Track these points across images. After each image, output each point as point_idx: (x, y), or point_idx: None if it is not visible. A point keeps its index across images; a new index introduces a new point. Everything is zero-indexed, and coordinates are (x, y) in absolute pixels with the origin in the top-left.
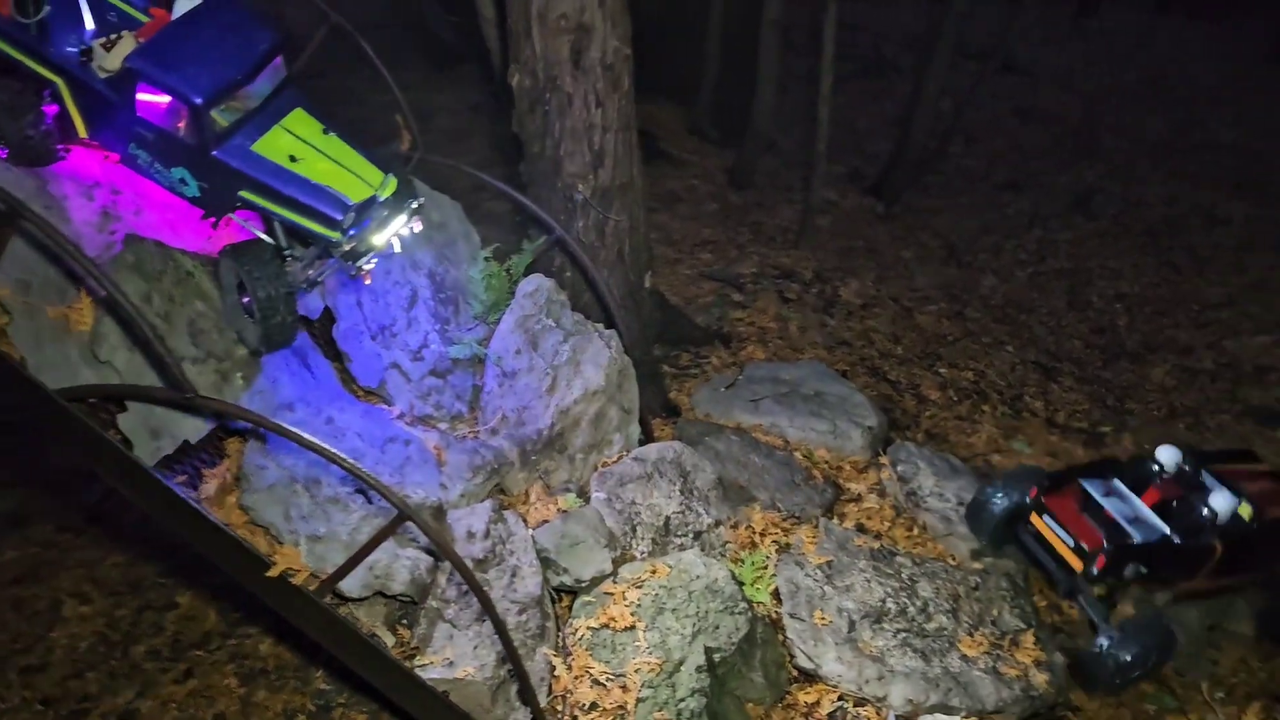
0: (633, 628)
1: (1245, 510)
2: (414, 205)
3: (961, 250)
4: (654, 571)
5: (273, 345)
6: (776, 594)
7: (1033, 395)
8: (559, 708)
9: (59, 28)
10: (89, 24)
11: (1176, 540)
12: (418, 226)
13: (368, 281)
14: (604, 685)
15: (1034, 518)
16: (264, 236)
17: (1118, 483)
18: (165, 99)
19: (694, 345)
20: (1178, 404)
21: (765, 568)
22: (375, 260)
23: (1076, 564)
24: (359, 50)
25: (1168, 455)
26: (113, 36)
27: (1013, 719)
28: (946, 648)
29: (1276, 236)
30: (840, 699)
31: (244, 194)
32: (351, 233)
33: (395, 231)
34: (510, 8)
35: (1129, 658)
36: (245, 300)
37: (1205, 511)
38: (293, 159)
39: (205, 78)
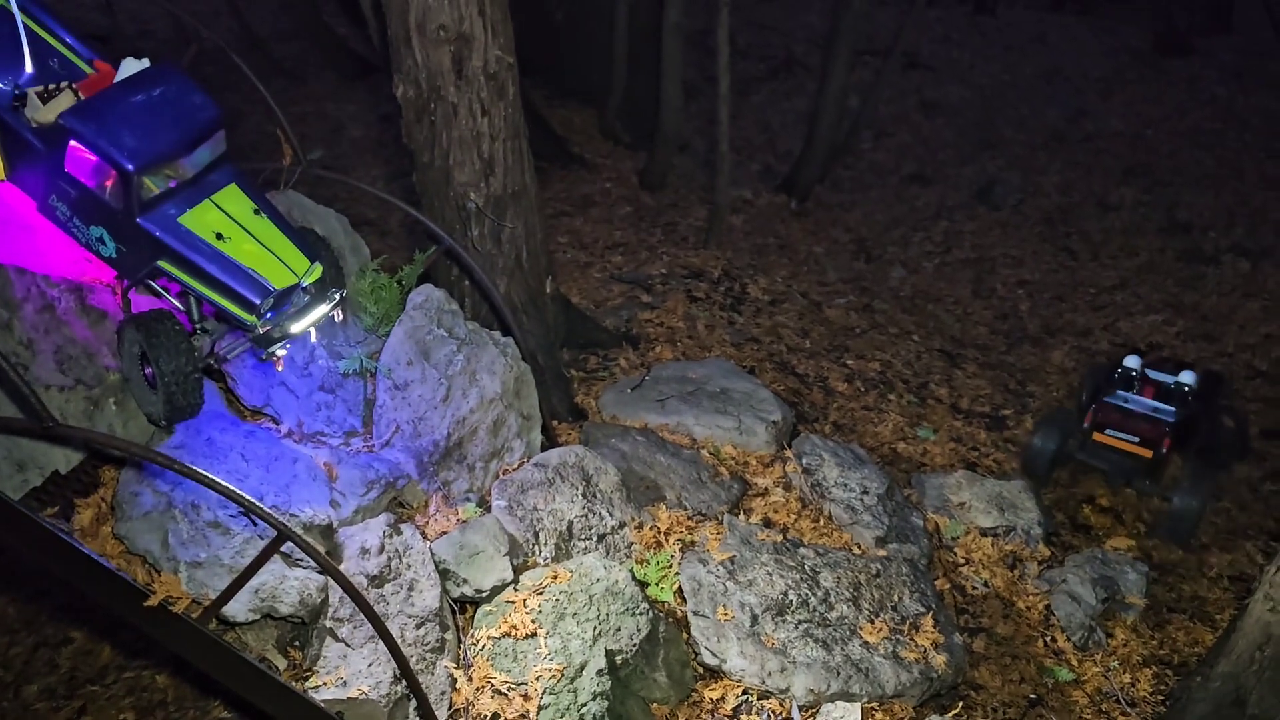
0: (534, 635)
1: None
2: (337, 296)
3: (871, 243)
4: (555, 577)
5: (177, 417)
6: (680, 593)
7: (938, 383)
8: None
9: None
10: (28, 68)
11: (1185, 414)
12: (339, 316)
13: (279, 368)
14: (505, 695)
15: (1097, 435)
16: (176, 304)
17: (1126, 392)
18: (94, 159)
19: (602, 348)
20: (1076, 384)
21: (670, 567)
22: (288, 347)
23: (1146, 453)
24: (268, 63)
25: (1135, 360)
26: (50, 87)
27: (913, 702)
28: (848, 636)
29: (1162, 220)
30: (745, 693)
31: (163, 264)
32: (268, 317)
33: (314, 321)
34: (389, 18)
35: (1195, 503)
36: (148, 371)
37: (1186, 389)
38: (219, 236)
39: (140, 145)
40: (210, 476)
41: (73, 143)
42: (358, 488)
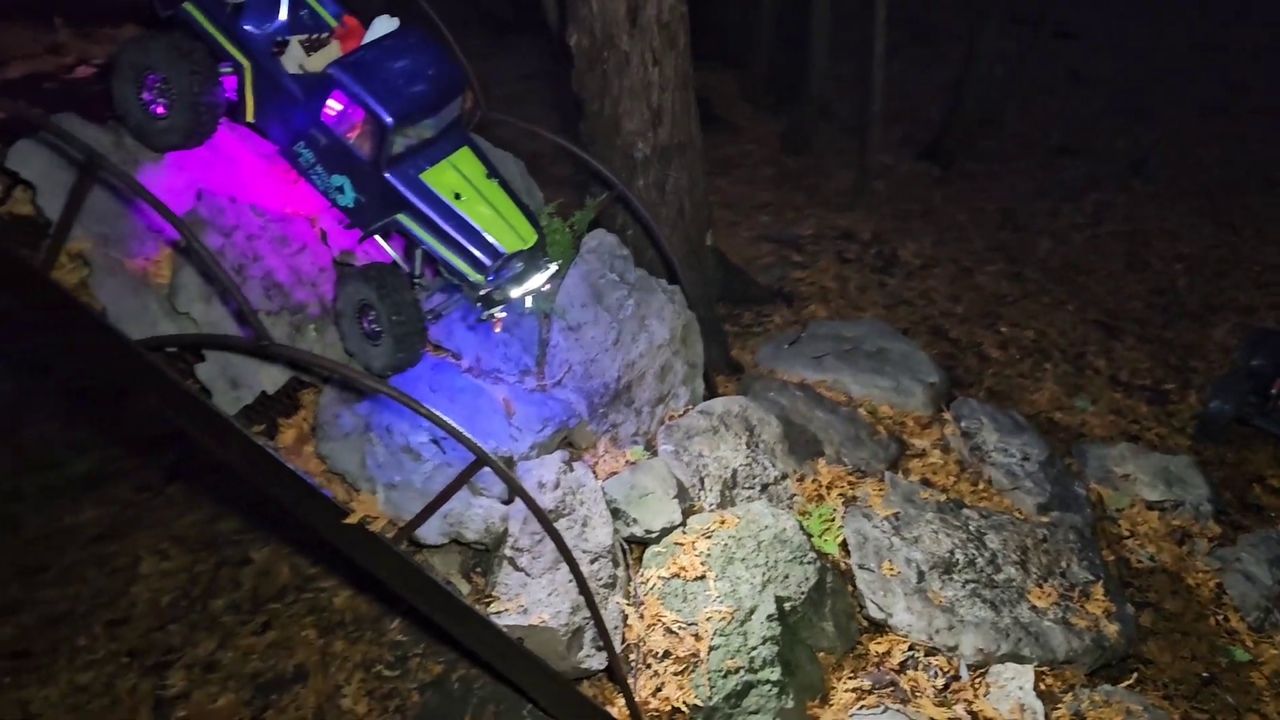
0: (703, 577)
1: None
2: (552, 267)
3: (1018, 214)
4: (723, 522)
5: (399, 368)
6: (844, 546)
7: (1094, 354)
8: (631, 656)
9: (253, 13)
10: (282, 16)
11: None
12: (548, 287)
13: (497, 330)
14: (676, 634)
15: None
16: (395, 257)
17: None
18: (347, 109)
19: (756, 304)
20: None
21: (832, 520)
22: (505, 312)
23: None
24: (423, 17)
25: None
26: (313, 37)
27: (1084, 669)
28: (1016, 598)
29: None
30: (911, 649)
31: (401, 218)
32: (491, 279)
33: (534, 288)
34: None
35: None
36: (366, 324)
37: None
38: (457, 196)
39: (400, 102)
40: (415, 400)
41: (335, 92)
42: (534, 424)
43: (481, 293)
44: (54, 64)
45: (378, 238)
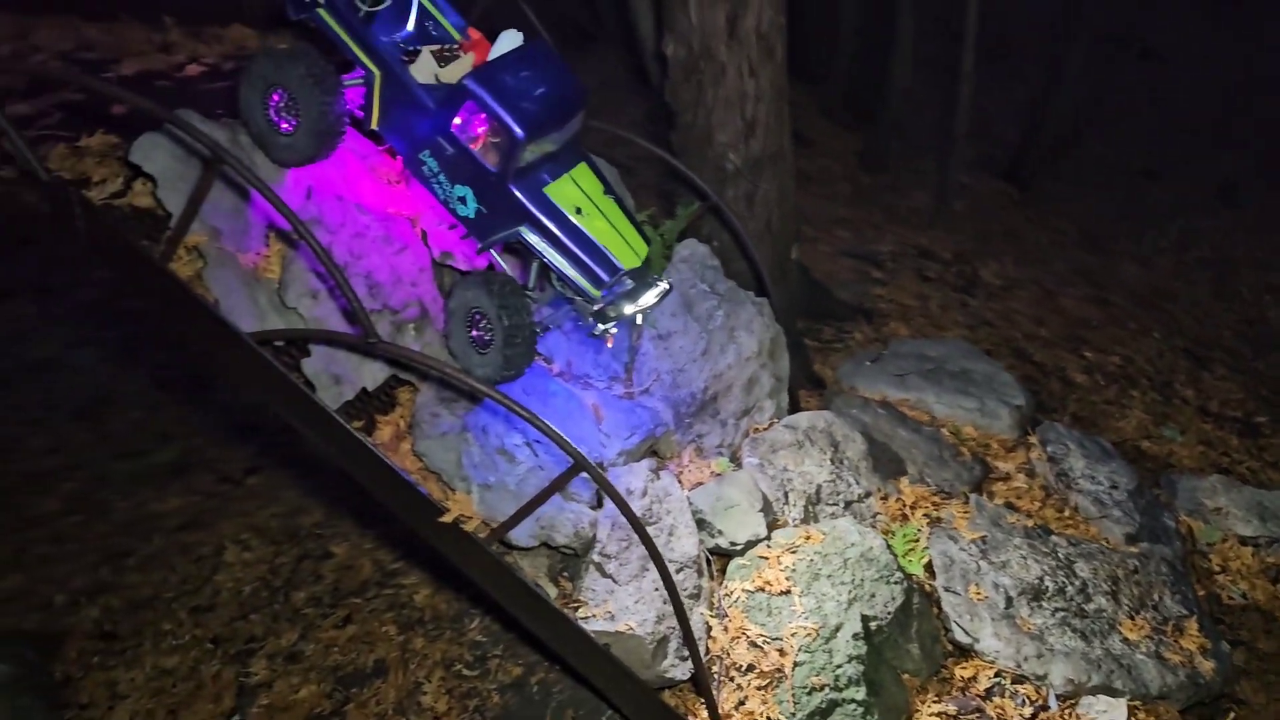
0: (788, 592)
1: None
2: (665, 285)
3: (1099, 237)
4: (808, 538)
5: (507, 377)
6: (929, 567)
7: (1183, 383)
8: (714, 668)
9: (383, 22)
10: (409, 26)
11: None
12: (656, 304)
13: (609, 345)
14: (761, 648)
15: None
16: (504, 266)
17: None
18: (485, 122)
19: (836, 320)
20: None
21: (917, 540)
22: (617, 328)
23: None
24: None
25: None
26: (445, 49)
27: (1178, 706)
28: (1107, 629)
29: None
30: (998, 675)
31: (523, 230)
32: (606, 295)
33: (646, 306)
34: None
35: None
36: (474, 334)
37: None
38: (578, 210)
39: (531, 115)
40: (519, 404)
41: (468, 103)
42: (622, 431)
43: (595, 308)
44: (165, 62)
45: (492, 250)
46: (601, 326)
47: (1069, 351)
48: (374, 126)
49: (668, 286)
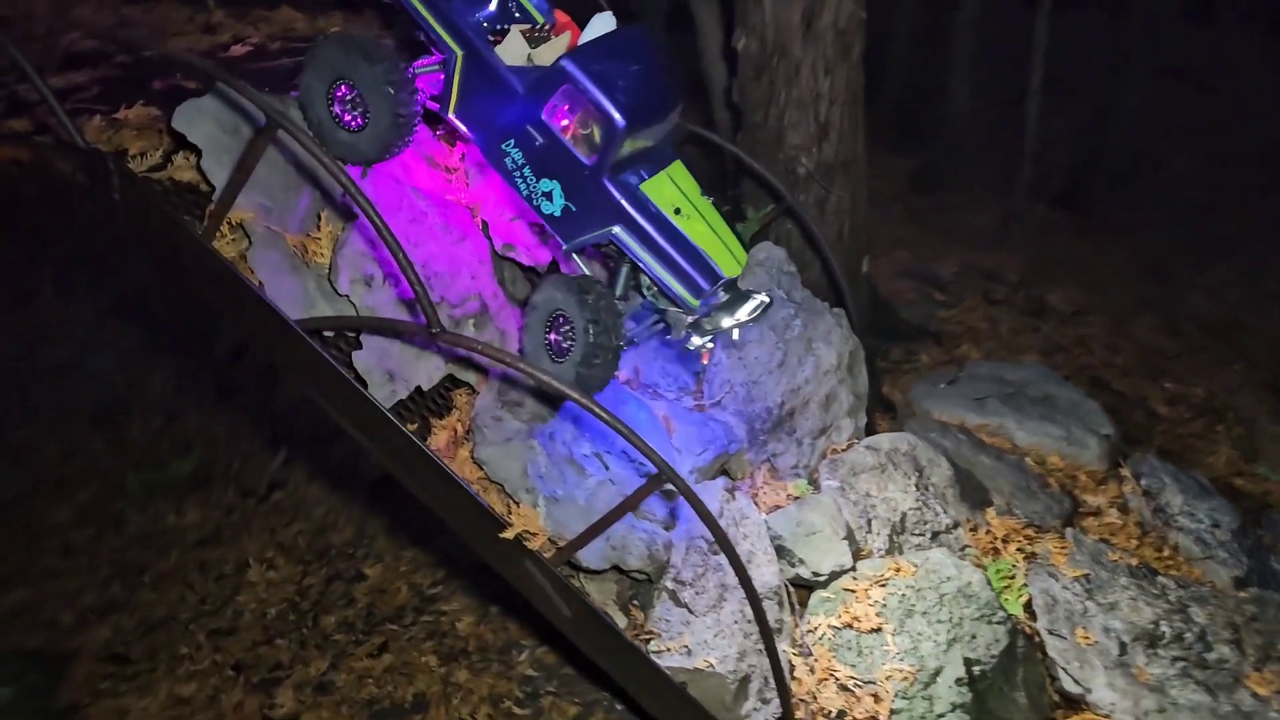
0: (879, 630)
1: None
2: (767, 299)
3: (1163, 267)
4: (898, 570)
5: (588, 388)
6: (1028, 607)
7: (1270, 419)
8: (800, 714)
9: (465, 0)
10: (492, 6)
11: None
12: (756, 319)
13: (705, 361)
14: (852, 692)
15: None
16: (586, 271)
17: None
18: (582, 109)
19: (904, 340)
20: None
21: (1012, 577)
22: (714, 343)
23: None
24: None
25: None
26: (535, 29)
27: None
28: (1232, 683)
29: None
30: None
31: (616, 230)
32: (703, 305)
33: (741, 320)
34: None
35: None
36: (553, 337)
37: None
38: (677, 211)
39: (633, 105)
40: (602, 407)
41: (564, 87)
42: (694, 446)
43: (690, 320)
44: (210, 42)
45: (574, 254)
46: (697, 340)
47: (1148, 381)
48: (450, 114)
49: (768, 299)
